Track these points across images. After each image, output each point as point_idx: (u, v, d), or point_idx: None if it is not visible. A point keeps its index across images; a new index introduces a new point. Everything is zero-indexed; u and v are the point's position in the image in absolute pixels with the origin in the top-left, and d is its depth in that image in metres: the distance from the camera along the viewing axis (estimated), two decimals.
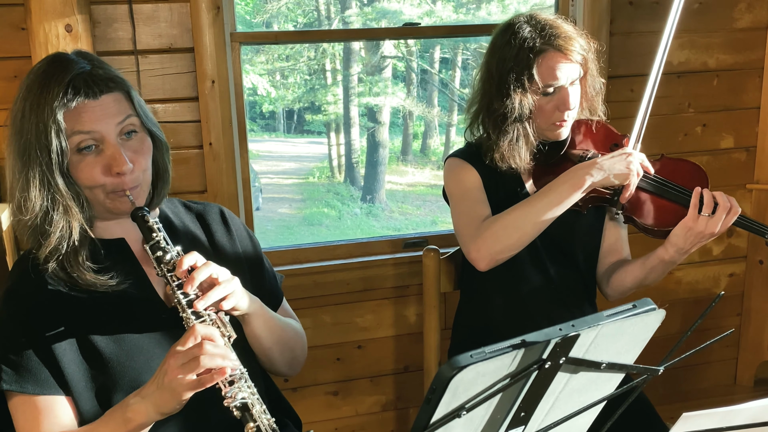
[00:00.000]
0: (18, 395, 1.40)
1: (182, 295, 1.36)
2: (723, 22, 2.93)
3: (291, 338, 1.68)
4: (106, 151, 1.40)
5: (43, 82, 1.37)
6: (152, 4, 2.36)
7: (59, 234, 1.39)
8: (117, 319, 1.44)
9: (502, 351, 0.93)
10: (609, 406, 1.18)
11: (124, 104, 1.43)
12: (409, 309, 2.84)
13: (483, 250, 1.89)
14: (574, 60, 1.91)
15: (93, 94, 1.37)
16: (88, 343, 1.41)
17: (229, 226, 1.69)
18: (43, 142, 1.35)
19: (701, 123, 3.01)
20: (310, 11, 13.75)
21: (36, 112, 1.35)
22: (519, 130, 1.96)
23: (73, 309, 1.42)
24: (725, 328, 3.14)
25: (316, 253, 2.75)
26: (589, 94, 2.03)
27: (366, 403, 2.91)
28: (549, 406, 1.09)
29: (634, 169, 1.87)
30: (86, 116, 1.37)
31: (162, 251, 1.40)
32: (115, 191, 1.42)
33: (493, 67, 1.97)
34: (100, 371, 1.42)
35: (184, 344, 1.28)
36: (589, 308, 2.17)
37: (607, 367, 1.06)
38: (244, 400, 1.32)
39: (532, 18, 1.96)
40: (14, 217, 1.44)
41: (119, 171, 1.39)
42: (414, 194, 13.57)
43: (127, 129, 1.43)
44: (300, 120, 15.72)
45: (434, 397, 0.92)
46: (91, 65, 1.41)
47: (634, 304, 1.05)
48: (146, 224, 1.42)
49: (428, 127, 15.05)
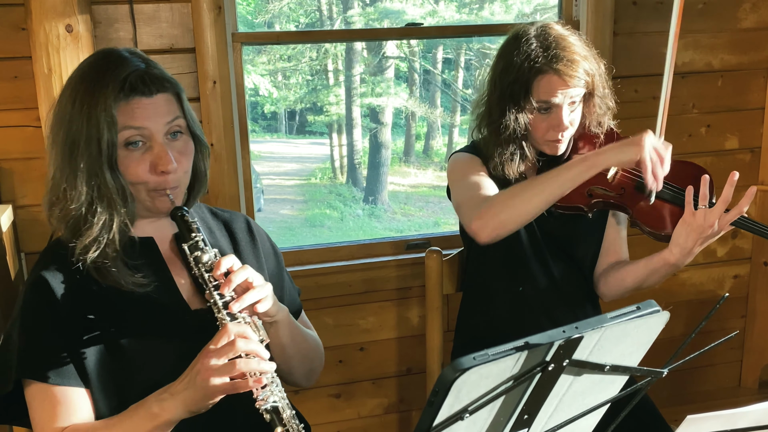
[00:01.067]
0: (37, 384, 1.40)
1: (218, 296, 1.37)
2: (727, 22, 2.91)
3: (312, 349, 1.70)
4: (153, 149, 1.42)
5: (97, 76, 1.39)
6: (153, 4, 2.35)
7: (100, 226, 1.40)
8: (141, 317, 1.46)
9: (505, 353, 0.93)
10: (613, 409, 1.18)
11: (174, 105, 1.46)
12: (411, 311, 2.84)
13: (486, 218, 1.82)
14: (572, 86, 1.88)
15: (148, 92, 1.40)
16: (112, 338, 1.42)
17: (254, 236, 1.70)
18: (93, 133, 1.37)
19: (705, 124, 3.00)
20: (312, 11, 13.75)
21: (89, 104, 1.37)
22: (515, 146, 1.95)
23: (100, 303, 1.43)
24: (730, 330, 3.12)
25: (318, 254, 2.74)
26: (595, 113, 2.00)
27: (368, 406, 2.90)
28: (552, 409, 1.08)
29: (646, 146, 1.78)
30: (139, 112, 1.39)
31: (200, 251, 1.41)
32: (156, 189, 1.44)
33: (497, 75, 1.96)
34: (121, 368, 1.43)
35: (217, 343, 1.29)
36: (592, 310, 2.17)
37: (611, 369, 1.06)
38: (275, 404, 1.33)
39: (542, 32, 1.92)
40: (52, 206, 1.44)
41: (164, 170, 1.41)
42: (416, 195, 13.57)
43: (174, 129, 1.45)
44: (302, 121, 15.72)
45: (437, 400, 0.91)
46: (146, 64, 1.44)
47: (638, 305, 1.04)
48: (186, 224, 1.44)
49: (431, 128, 15.05)
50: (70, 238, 1.43)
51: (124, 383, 1.43)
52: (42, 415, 1.40)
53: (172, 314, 1.49)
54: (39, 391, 1.40)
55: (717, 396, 3.28)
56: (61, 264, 1.44)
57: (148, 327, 1.46)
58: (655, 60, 1.89)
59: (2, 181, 2.32)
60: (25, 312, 1.43)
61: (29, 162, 2.33)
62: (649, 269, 1.95)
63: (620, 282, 2.04)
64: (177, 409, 1.31)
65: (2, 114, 2.29)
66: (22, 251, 2.37)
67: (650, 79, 2.78)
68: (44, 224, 2.32)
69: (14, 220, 2.33)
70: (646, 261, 1.96)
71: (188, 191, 1.55)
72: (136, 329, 1.44)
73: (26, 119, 2.30)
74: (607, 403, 1.15)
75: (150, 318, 1.46)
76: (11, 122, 2.30)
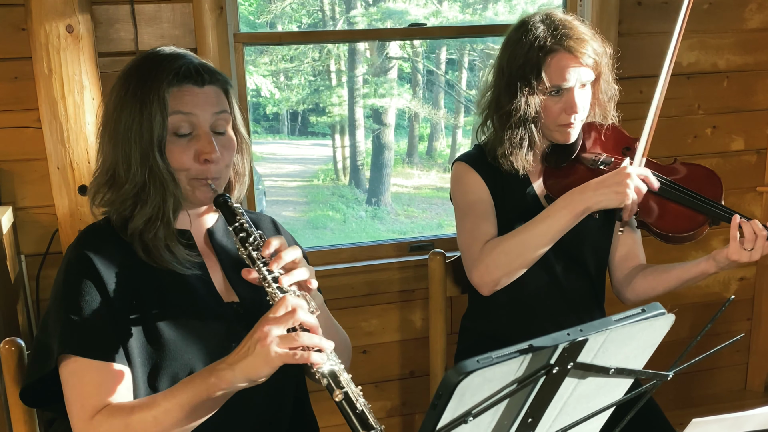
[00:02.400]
0: (77, 360, 1.38)
1: (267, 272, 1.38)
2: (733, 22, 2.91)
3: (341, 342, 1.70)
4: (199, 137, 1.46)
5: (153, 64, 1.46)
6: (154, 4, 2.35)
7: (155, 206, 1.45)
8: (181, 305, 1.49)
9: (509, 356, 0.92)
10: (617, 412, 1.18)
11: (223, 99, 1.52)
12: (414, 313, 2.83)
13: (485, 277, 1.90)
14: (584, 63, 1.90)
15: (201, 82, 1.46)
16: (151, 321, 1.45)
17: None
18: (146, 116, 1.42)
19: (711, 125, 2.99)
20: (315, 11, 13.73)
21: (143, 89, 1.43)
22: (524, 131, 1.95)
23: (144, 286, 1.47)
24: (735, 332, 3.13)
25: (320, 256, 2.74)
26: (602, 99, 2.01)
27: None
28: (557, 412, 1.08)
29: (629, 193, 1.79)
30: (189, 99, 1.45)
31: (246, 233, 1.43)
32: (197, 178, 1.48)
33: (504, 63, 1.97)
34: (156, 351, 1.45)
35: (276, 312, 1.30)
36: (598, 313, 2.16)
37: (616, 372, 1.06)
38: (332, 367, 1.32)
39: (547, 17, 1.94)
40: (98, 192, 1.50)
41: (208, 158, 1.45)
42: (420, 197, 13.55)
43: (220, 124, 1.50)
44: (304, 122, 15.70)
45: (440, 403, 0.91)
46: (199, 60, 1.51)
47: (643, 308, 1.04)
48: (230, 208, 1.46)
49: (434, 129, 15.04)
50: (120, 221, 1.48)
51: (159, 367, 1.45)
52: (81, 392, 1.38)
53: (206, 305, 1.53)
54: (79, 367, 1.38)
55: (723, 399, 3.28)
56: (104, 244, 1.48)
57: (186, 316, 1.49)
58: (661, 61, 1.88)
59: (2, 183, 2.32)
60: (67, 287, 1.43)
61: (29, 163, 2.33)
62: (684, 279, 1.97)
63: (651, 290, 2.05)
64: (235, 377, 1.29)
65: (2, 115, 2.29)
66: (22, 253, 2.37)
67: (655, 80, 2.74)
68: (45, 226, 2.36)
69: (14, 221, 2.33)
70: (681, 271, 1.97)
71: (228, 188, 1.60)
72: (175, 316, 1.47)
73: (26, 120, 2.30)
74: (612, 407, 1.15)
75: (189, 307, 1.50)
76: (11, 123, 2.30)
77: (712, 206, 1.89)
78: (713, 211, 1.89)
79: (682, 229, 1.91)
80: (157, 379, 1.44)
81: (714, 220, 1.90)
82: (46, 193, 2.32)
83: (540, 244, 1.85)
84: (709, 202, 1.90)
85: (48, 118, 2.20)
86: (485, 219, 1.99)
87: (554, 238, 1.85)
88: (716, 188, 1.94)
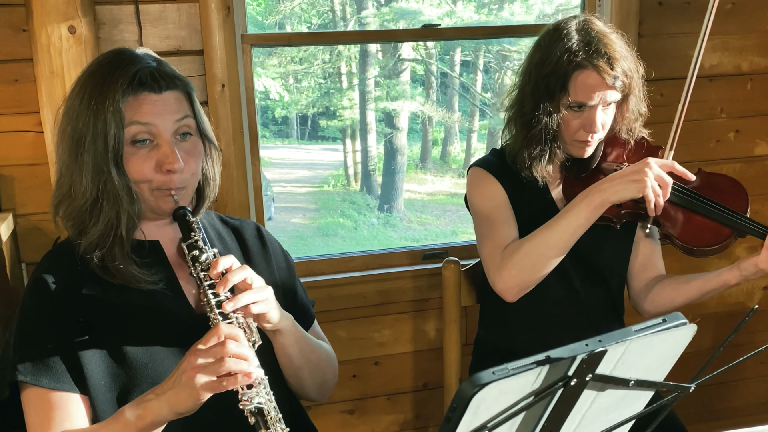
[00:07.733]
0: (32, 388, 1.39)
1: (212, 295, 1.36)
2: (757, 23, 2.86)
3: (322, 360, 1.69)
4: (159, 147, 1.42)
5: (107, 71, 1.41)
6: (159, 4, 2.33)
7: (106, 223, 1.42)
8: (146, 321, 1.46)
9: (525, 367, 0.92)
10: (638, 426, 1.18)
11: (185, 104, 1.47)
12: (428, 323, 2.81)
13: (509, 281, 1.88)
14: (611, 85, 1.86)
15: (157, 89, 1.41)
16: (115, 341, 1.42)
17: (265, 243, 1.71)
18: (100, 128, 1.38)
19: (734, 129, 2.95)
20: (325, 12, 13.76)
21: (97, 99, 1.38)
22: (545, 145, 1.93)
23: (104, 305, 1.44)
24: (760, 343, 3.07)
25: (330, 265, 2.73)
26: (628, 117, 1.98)
27: (383, 422, 2.88)
28: (575, 425, 1.07)
29: (647, 182, 1.76)
30: (147, 108, 1.40)
31: (198, 251, 1.42)
32: (160, 189, 1.44)
33: (533, 66, 1.94)
34: (123, 371, 1.43)
35: (207, 343, 1.28)
36: (617, 325, 2.13)
37: (636, 384, 1.04)
38: (260, 405, 1.30)
39: (584, 26, 1.90)
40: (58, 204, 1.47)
41: (170, 168, 1.41)
42: (433, 203, 13.56)
43: (183, 129, 1.45)
44: (314, 126, 15.75)
45: (454, 416, 0.90)
46: (157, 63, 1.46)
47: (663, 318, 1.02)
48: (187, 223, 1.45)
49: (448, 133, 15.07)
50: (75, 236, 1.46)
51: (129, 387, 1.43)
52: (36, 420, 1.39)
53: (177, 318, 1.49)
54: (34, 395, 1.39)
55: (746, 412, 3.25)
56: (63, 265, 1.46)
57: (152, 331, 1.45)
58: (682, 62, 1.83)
59: (2, 189, 2.30)
60: (22, 314, 1.43)
61: (30, 168, 2.30)
62: (705, 291, 1.96)
63: (670, 302, 2.02)
64: (161, 409, 1.28)
65: (2, 119, 2.27)
66: (23, 261, 2.35)
67: (677, 82, 2.73)
68: (46, 233, 2.32)
69: (15, 229, 2.31)
70: (702, 282, 1.95)
71: (197, 195, 1.56)
72: (140, 332, 1.44)
73: (27, 124, 2.28)
74: (632, 420, 1.14)
75: (155, 322, 1.46)
76: (12, 127, 2.28)
77: (738, 219, 1.88)
78: (740, 224, 1.88)
79: (707, 242, 1.89)
80: (127, 400, 1.41)
81: (740, 233, 1.89)
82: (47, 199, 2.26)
83: (561, 241, 1.83)
84: (736, 215, 1.89)
85: (50, 122, 2.17)
86: (505, 223, 1.97)
87: (575, 234, 1.83)
88: (742, 200, 1.93)
